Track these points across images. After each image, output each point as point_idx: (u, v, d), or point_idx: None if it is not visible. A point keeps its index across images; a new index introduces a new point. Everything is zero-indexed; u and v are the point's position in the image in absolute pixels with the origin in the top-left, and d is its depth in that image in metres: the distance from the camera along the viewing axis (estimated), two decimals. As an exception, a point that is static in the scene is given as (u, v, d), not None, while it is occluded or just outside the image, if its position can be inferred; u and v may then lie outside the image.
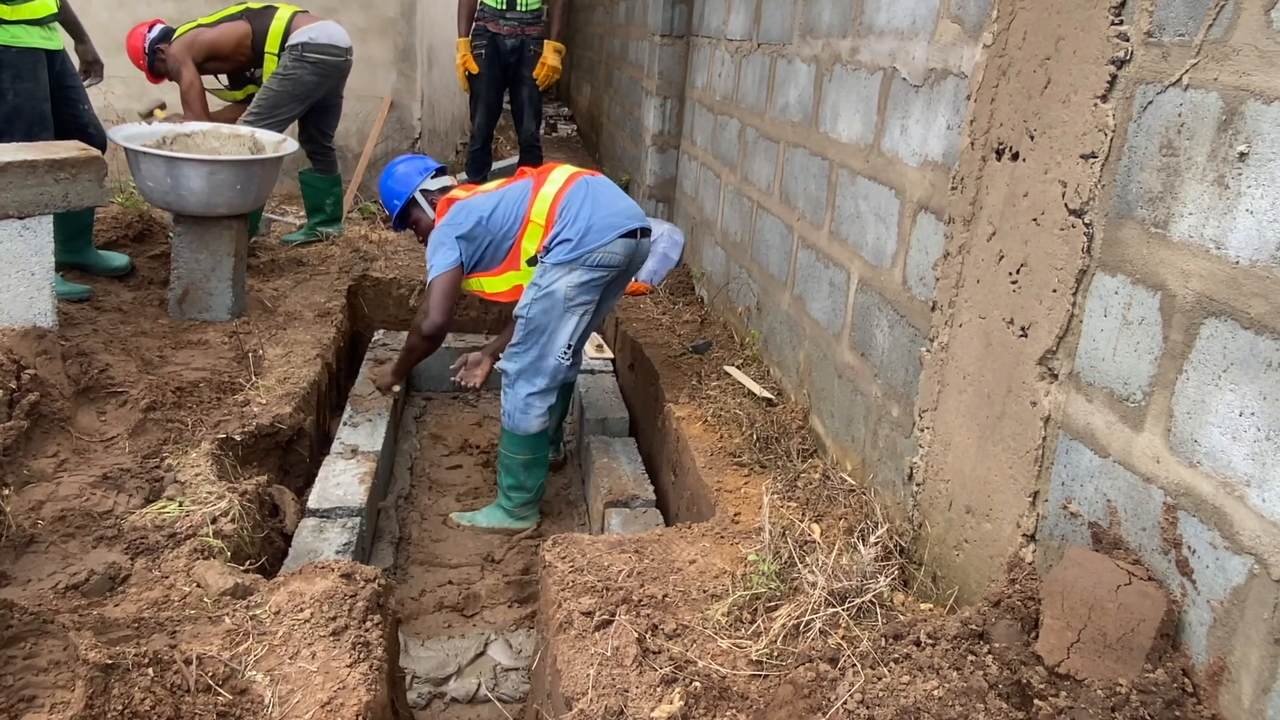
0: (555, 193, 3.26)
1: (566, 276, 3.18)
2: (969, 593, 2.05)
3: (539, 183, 3.34)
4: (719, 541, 2.47)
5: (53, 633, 1.72)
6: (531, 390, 3.28)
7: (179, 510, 2.45)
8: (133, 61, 4.83)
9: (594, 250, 3.15)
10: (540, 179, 3.36)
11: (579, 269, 3.17)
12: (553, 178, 3.34)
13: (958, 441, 2.12)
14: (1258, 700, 1.39)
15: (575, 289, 3.18)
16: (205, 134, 4.22)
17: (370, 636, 2.00)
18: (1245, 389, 1.42)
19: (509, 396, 3.32)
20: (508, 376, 3.32)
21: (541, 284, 3.21)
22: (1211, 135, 1.49)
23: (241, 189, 3.73)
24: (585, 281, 3.19)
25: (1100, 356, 1.72)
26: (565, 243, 3.17)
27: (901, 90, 2.59)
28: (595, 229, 3.16)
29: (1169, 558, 1.56)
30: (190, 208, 3.69)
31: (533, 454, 3.35)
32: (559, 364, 3.27)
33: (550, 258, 3.20)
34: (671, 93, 5.29)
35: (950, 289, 2.17)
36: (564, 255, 3.17)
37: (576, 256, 3.16)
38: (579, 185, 3.28)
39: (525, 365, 3.27)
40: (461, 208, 3.34)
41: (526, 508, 3.46)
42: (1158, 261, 1.59)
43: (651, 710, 1.80)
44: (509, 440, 3.34)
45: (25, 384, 2.65)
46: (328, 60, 4.73)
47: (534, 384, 3.28)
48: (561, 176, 3.32)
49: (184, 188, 3.62)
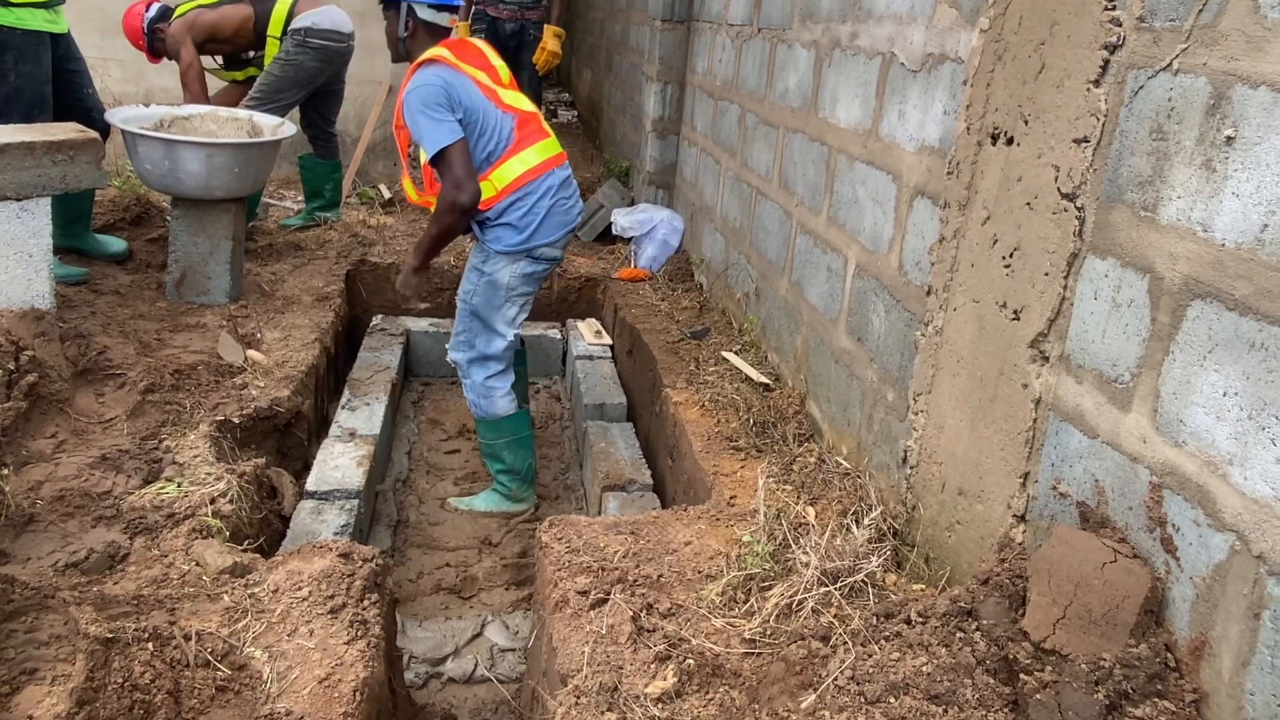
0: (525, 171, 3.15)
1: (511, 266, 3.19)
2: (961, 573, 2.08)
3: (520, 142, 3.17)
4: (714, 524, 2.50)
5: (53, 607, 1.73)
6: (488, 374, 3.31)
7: (177, 491, 2.47)
8: (131, 41, 4.81)
9: (540, 245, 3.18)
10: (522, 139, 3.18)
11: (524, 260, 3.19)
12: (532, 151, 3.18)
13: (951, 424, 2.15)
14: (1237, 673, 1.41)
15: (519, 279, 3.21)
16: (203, 117, 4.22)
17: (368, 615, 2.03)
18: (1229, 369, 1.44)
19: (468, 386, 3.34)
20: (461, 367, 3.34)
21: (485, 270, 3.21)
22: (1200, 119, 1.51)
23: (239, 172, 3.73)
24: (529, 274, 3.23)
25: (1090, 339, 1.74)
26: (511, 229, 3.15)
27: (899, 75, 2.60)
28: (546, 227, 3.18)
29: (1154, 536, 1.58)
30: (188, 191, 3.69)
31: (512, 434, 3.37)
32: (506, 344, 3.29)
33: (496, 244, 3.18)
34: (672, 78, 5.29)
35: (945, 273, 2.19)
36: (511, 245, 3.16)
37: (524, 247, 3.16)
38: (548, 178, 3.20)
39: (475, 354, 3.30)
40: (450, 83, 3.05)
41: (521, 489, 3.48)
42: (1147, 244, 1.61)
43: (645, 686, 1.82)
44: (485, 428, 3.37)
45: (24, 365, 2.67)
46: (330, 46, 4.72)
47: (488, 368, 3.31)
48: (536, 158, 3.19)
49: (181, 170, 3.62)
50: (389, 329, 4.45)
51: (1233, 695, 1.42)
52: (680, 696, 1.81)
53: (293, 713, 1.75)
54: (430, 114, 2.98)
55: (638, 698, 1.79)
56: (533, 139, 3.21)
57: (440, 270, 4.96)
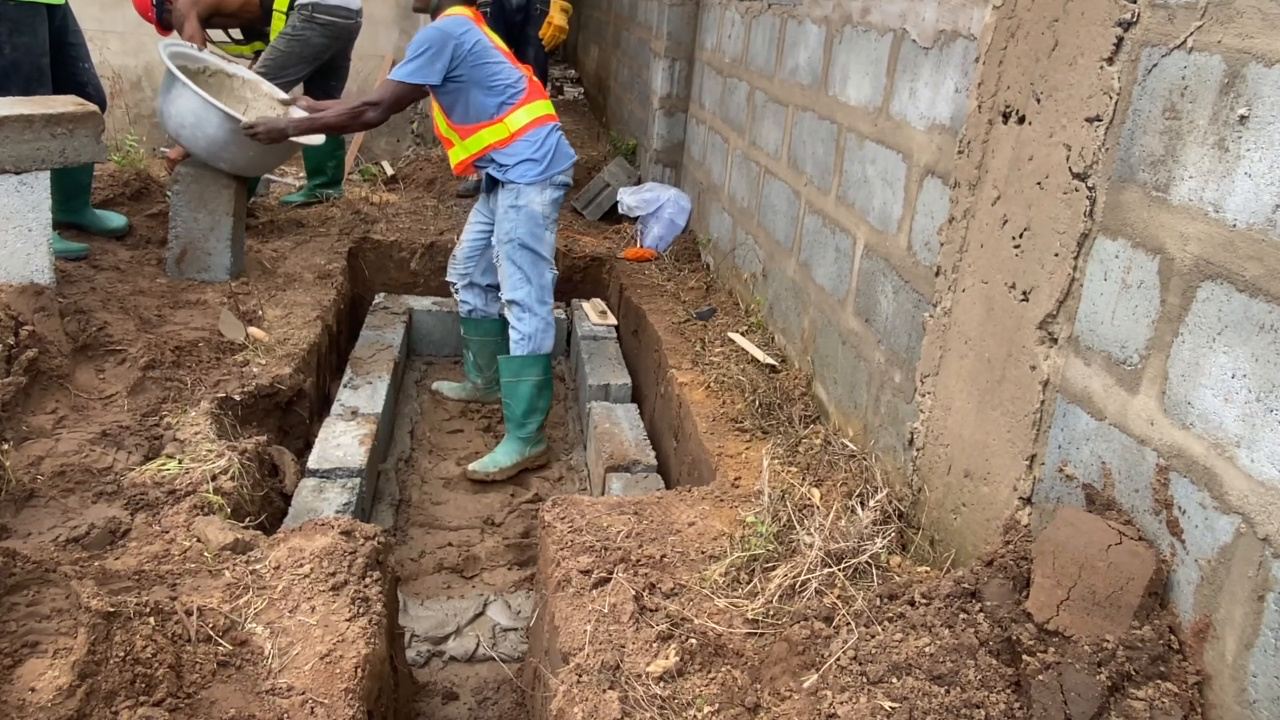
0: (534, 119, 3.45)
1: (540, 195, 3.45)
2: (966, 555, 2.07)
3: (529, 95, 3.48)
4: (718, 505, 2.49)
5: (55, 581, 1.73)
6: (548, 306, 3.53)
7: (178, 467, 2.46)
8: (140, 14, 4.76)
9: (558, 172, 3.48)
10: (531, 94, 3.49)
11: (549, 187, 3.47)
12: (539, 105, 3.50)
13: (958, 406, 2.13)
14: (1240, 655, 1.41)
15: (549, 206, 3.49)
16: (245, 83, 4.22)
17: (369, 592, 2.02)
18: (1238, 351, 1.43)
19: (527, 321, 3.49)
20: (519, 306, 3.48)
21: (520, 204, 3.44)
22: (1213, 98, 1.49)
23: (253, 156, 3.74)
24: (554, 199, 3.51)
25: (1099, 320, 1.72)
26: (532, 163, 3.42)
27: (911, 52, 2.57)
28: (558, 155, 3.51)
29: (1160, 518, 1.57)
30: (196, 150, 3.70)
31: (544, 374, 3.56)
32: (554, 275, 3.58)
33: (523, 178, 3.43)
34: (680, 55, 5.23)
35: (954, 254, 2.17)
36: (534, 175, 3.43)
37: (546, 176, 3.44)
38: (549, 126, 3.52)
39: (534, 287, 3.48)
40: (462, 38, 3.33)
41: (540, 430, 3.65)
42: (1158, 225, 1.59)
43: (647, 665, 1.82)
44: (528, 365, 3.50)
45: (24, 340, 2.66)
46: (338, 22, 4.69)
47: (546, 302, 3.52)
48: (541, 110, 3.51)
49: (201, 131, 3.63)
50: (391, 307, 4.43)
51: (1235, 677, 1.42)
52: (682, 676, 1.81)
53: (294, 688, 1.75)
54: (422, 51, 3.28)
55: (639, 676, 1.79)
56: (537, 95, 3.54)
57: (443, 248, 4.94)
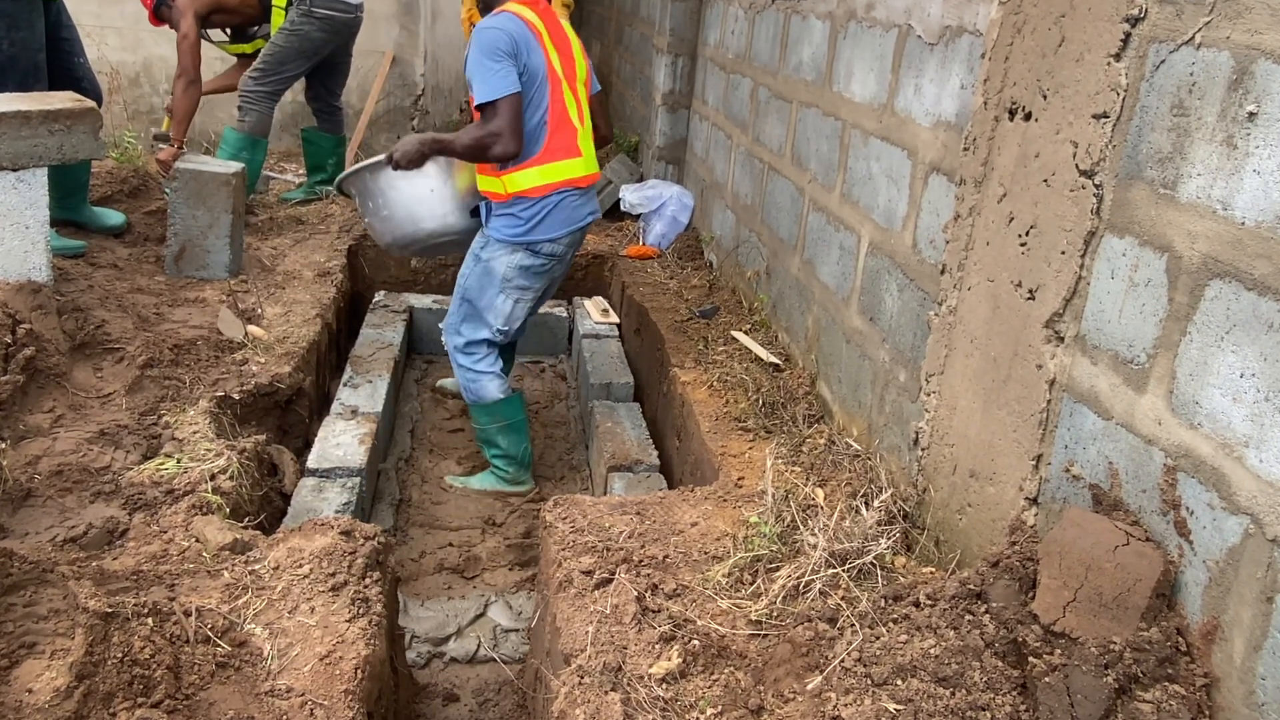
0: (541, 185, 3.03)
1: (508, 256, 3.08)
2: (971, 556, 2.06)
3: (547, 154, 3.03)
4: (721, 505, 2.48)
5: (52, 581, 1.72)
6: (474, 359, 3.23)
7: (177, 467, 2.45)
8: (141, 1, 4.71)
9: (541, 241, 3.06)
10: (550, 151, 3.03)
11: (521, 251, 3.07)
12: (555, 167, 3.04)
13: (963, 406, 2.12)
14: (1249, 658, 1.40)
15: (515, 271, 3.09)
16: None
17: (369, 593, 2.01)
18: (1247, 350, 1.42)
19: (459, 371, 3.28)
20: (450, 353, 3.28)
21: (481, 256, 3.12)
22: (1222, 95, 1.48)
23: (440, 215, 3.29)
24: (527, 267, 3.09)
25: (1106, 319, 1.71)
26: (513, 219, 3.03)
27: (916, 48, 2.55)
28: (549, 223, 3.04)
29: (1167, 519, 1.56)
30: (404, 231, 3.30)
31: (506, 419, 3.29)
32: (497, 338, 3.22)
33: (495, 231, 3.07)
34: (683, 50, 5.21)
35: (960, 252, 2.15)
36: (509, 235, 3.05)
37: (522, 239, 3.05)
38: (564, 193, 3.06)
39: (460, 339, 3.23)
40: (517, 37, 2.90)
41: (519, 474, 3.43)
42: (1165, 223, 1.58)
43: (650, 667, 1.81)
44: (477, 413, 3.31)
45: (21, 338, 2.64)
46: (337, 17, 4.65)
47: (472, 354, 3.22)
48: (557, 176, 3.04)
49: (391, 204, 3.24)
50: (392, 305, 4.41)
51: (1244, 680, 1.41)
52: (685, 677, 1.80)
53: (293, 690, 1.73)
54: (489, 60, 2.83)
55: (642, 678, 1.77)
56: (560, 154, 3.04)
57: (443, 247, 4.93)
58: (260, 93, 4.67)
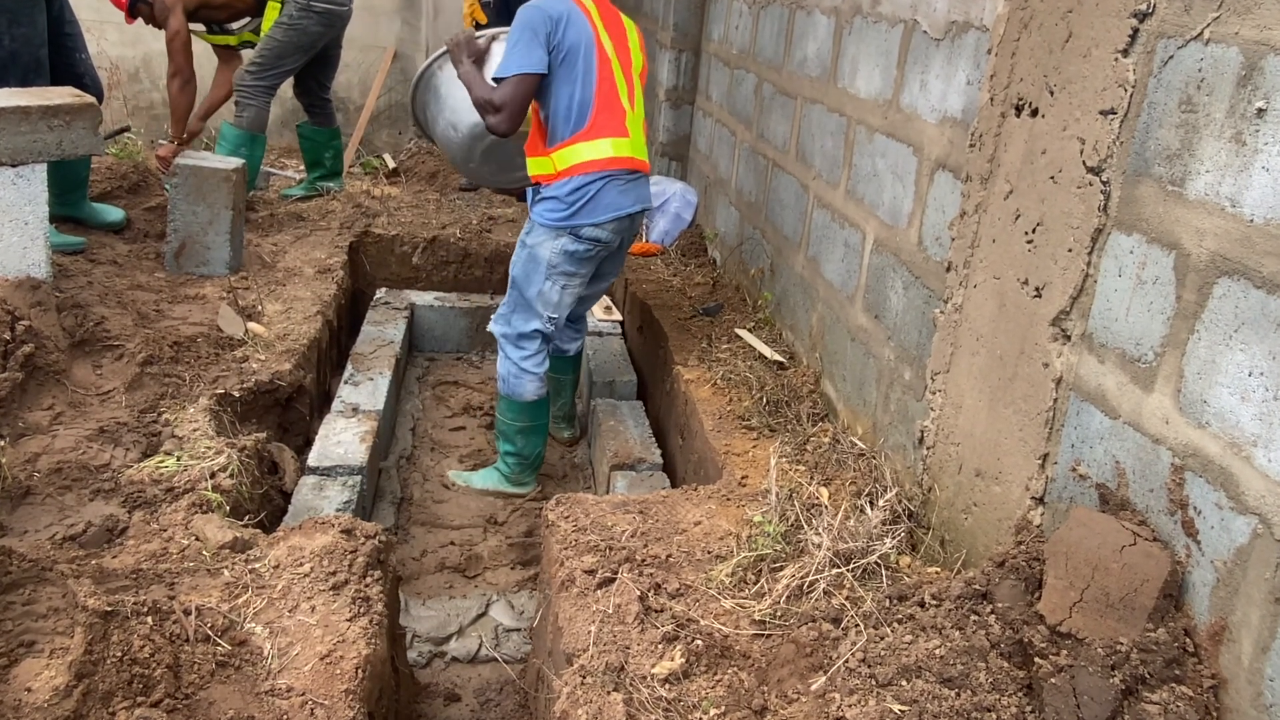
0: (591, 161, 3.00)
1: (553, 242, 3.03)
2: (977, 556, 2.05)
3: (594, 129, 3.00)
4: (725, 504, 2.47)
5: (51, 580, 1.71)
6: (523, 355, 3.19)
7: (177, 465, 2.44)
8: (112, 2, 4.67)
9: (584, 225, 3.00)
10: (596, 126, 3.00)
11: (565, 236, 3.02)
12: (608, 143, 3.01)
13: (969, 404, 2.11)
14: (1257, 659, 1.39)
15: (560, 256, 3.04)
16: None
17: (370, 592, 2.00)
18: (1255, 349, 1.41)
19: (502, 361, 3.24)
20: (499, 342, 3.24)
21: (527, 242, 3.10)
22: (1231, 91, 1.46)
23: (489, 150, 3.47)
24: (571, 252, 3.04)
25: (1113, 317, 1.70)
26: (557, 203, 2.99)
27: (922, 44, 2.54)
28: (593, 206, 2.98)
29: (1175, 518, 1.55)
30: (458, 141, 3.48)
31: (530, 421, 3.27)
32: (543, 325, 3.15)
33: (539, 216, 3.04)
34: (687, 46, 5.20)
35: (965, 249, 2.14)
36: (552, 218, 3.01)
37: (566, 224, 3.00)
38: (613, 174, 3.03)
39: (510, 330, 3.19)
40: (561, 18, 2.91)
41: (524, 474, 3.40)
42: (1173, 220, 1.57)
43: (652, 667, 1.80)
44: (505, 406, 3.28)
45: (20, 335, 2.62)
46: (334, 10, 4.65)
47: (523, 348, 3.18)
48: (608, 152, 3.00)
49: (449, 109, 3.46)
50: (393, 302, 4.40)
51: (1252, 681, 1.40)
52: (688, 677, 1.79)
53: (294, 689, 1.72)
54: (518, 34, 2.88)
55: (644, 678, 1.76)
56: (608, 131, 3.00)
57: (445, 243, 4.91)
58: (258, 87, 4.66)
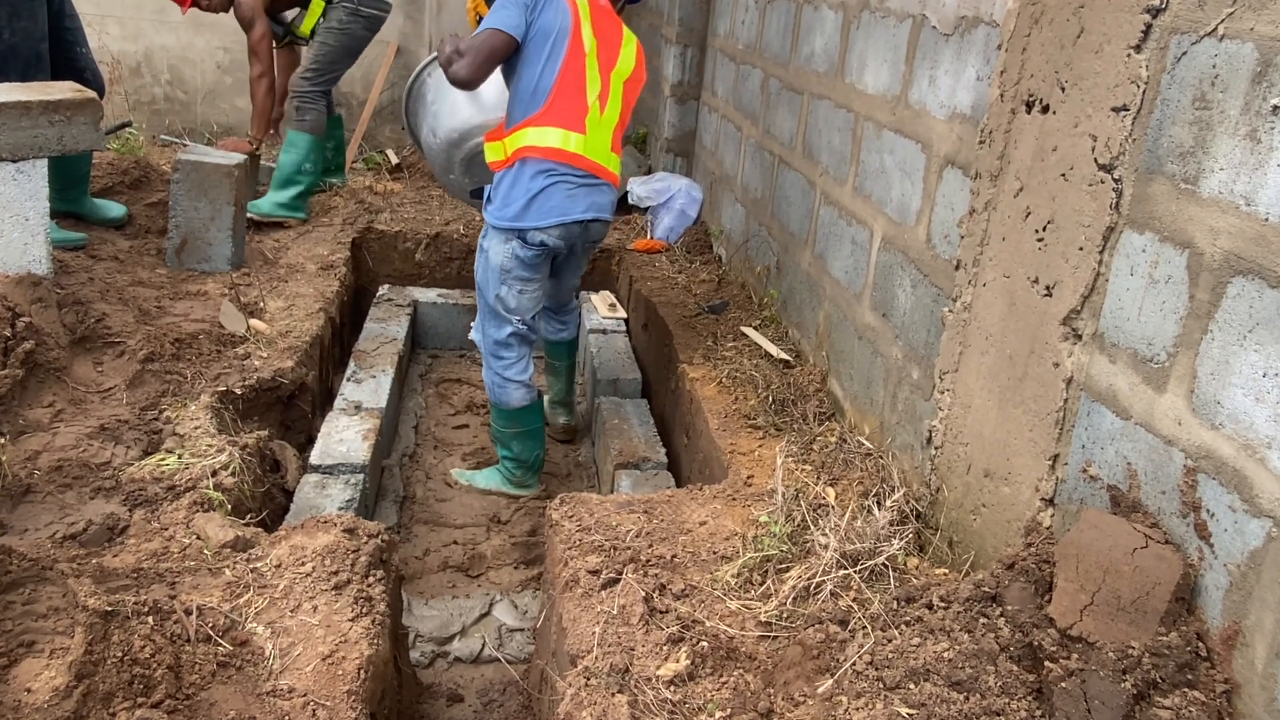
0: (541, 148, 2.96)
1: (503, 246, 3.01)
2: (985, 558, 2.03)
3: (548, 114, 2.97)
4: (730, 503, 2.45)
5: (52, 579, 1.70)
6: (503, 363, 3.17)
7: (178, 463, 2.42)
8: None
9: (529, 229, 2.96)
10: (551, 111, 2.97)
11: (514, 240, 2.99)
12: (559, 133, 2.96)
13: (978, 404, 2.09)
14: (1271, 664, 1.38)
15: (512, 261, 3.01)
16: None
17: (373, 592, 1.99)
18: (1270, 349, 1.39)
19: (485, 371, 3.24)
20: (481, 351, 3.24)
21: (484, 245, 3.09)
22: (1245, 88, 1.45)
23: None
24: (521, 257, 3.01)
25: (1125, 316, 1.68)
26: (505, 201, 2.97)
27: (931, 39, 2.52)
28: (535, 208, 2.93)
29: (1187, 521, 1.53)
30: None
31: (523, 426, 3.25)
32: (513, 331, 3.12)
33: (489, 215, 3.02)
34: (692, 41, 5.17)
35: (975, 247, 2.12)
36: (497, 219, 2.99)
37: (513, 226, 2.96)
38: (563, 168, 2.98)
39: (487, 339, 3.18)
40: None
41: (526, 477, 3.39)
42: (1186, 219, 1.55)
43: (657, 668, 1.78)
44: (496, 414, 3.27)
45: (20, 332, 2.61)
46: (379, 15, 4.78)
47: (502, 357, 3.16)
48: (558, 142, 2.96)
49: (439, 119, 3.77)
50: (396, 299, 4.39)
51: (1265, 686, 1.38)
52: (693, 679, 1.77)
53: (295, 690, 1.71)
54: (504, 1, 2.90)
55: (649, 680, 1.75)
56: (561, 121, 2.94)
57: (448, 239, 4.90)
58: (316, 92, 4.78)
